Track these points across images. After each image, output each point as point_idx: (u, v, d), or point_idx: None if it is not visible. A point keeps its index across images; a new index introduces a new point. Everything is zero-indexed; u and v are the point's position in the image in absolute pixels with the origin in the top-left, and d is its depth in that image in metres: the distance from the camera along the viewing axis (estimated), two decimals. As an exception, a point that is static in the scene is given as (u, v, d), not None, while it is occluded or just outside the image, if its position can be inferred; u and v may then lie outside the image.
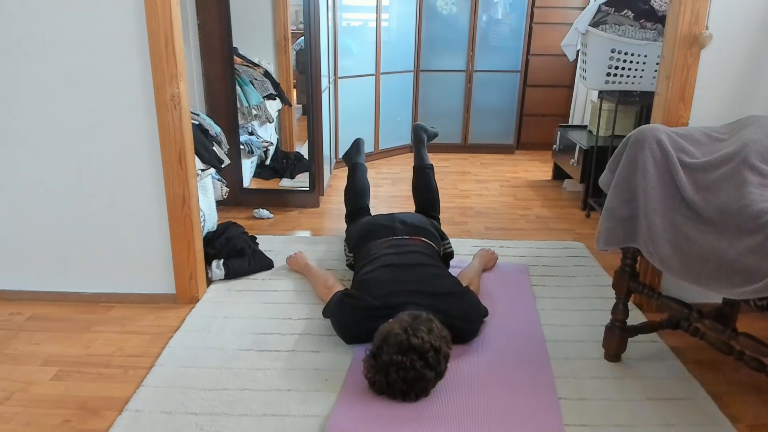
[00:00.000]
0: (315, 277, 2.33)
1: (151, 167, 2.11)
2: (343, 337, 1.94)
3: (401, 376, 1.60)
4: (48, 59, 2.00)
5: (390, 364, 1.60)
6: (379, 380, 1.64)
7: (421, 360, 1.60)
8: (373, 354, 1.66)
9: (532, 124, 4.90)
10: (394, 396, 1.65)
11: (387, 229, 2.27)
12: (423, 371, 1.61)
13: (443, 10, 4.56)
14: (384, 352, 1.62)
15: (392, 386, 1.63)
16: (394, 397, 1.65)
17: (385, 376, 1.62)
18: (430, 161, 2.84)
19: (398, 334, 1.62)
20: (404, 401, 1.65)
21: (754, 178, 1.47)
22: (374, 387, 1.67)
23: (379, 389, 1.66)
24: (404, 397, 1.64)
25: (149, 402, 1.66)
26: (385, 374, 1.62)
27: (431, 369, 1.63)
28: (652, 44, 2.91)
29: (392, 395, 1.65)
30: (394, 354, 1.60)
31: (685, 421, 1.60)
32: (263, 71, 3.71)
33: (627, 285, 1.81)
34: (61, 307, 2.22)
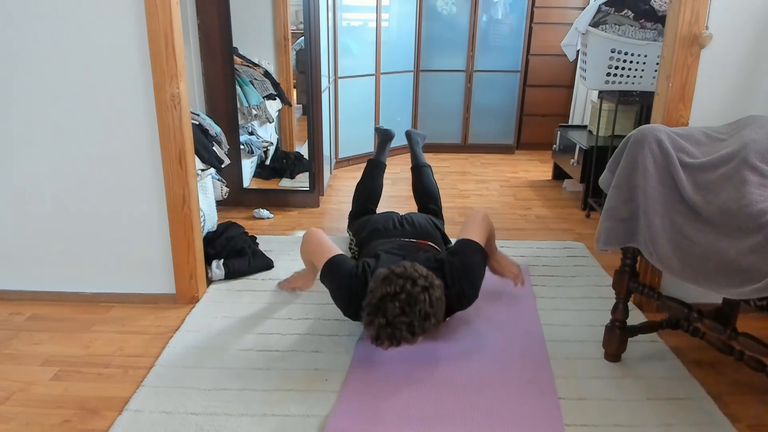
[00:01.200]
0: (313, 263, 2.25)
1: (151, 167, 2.11)
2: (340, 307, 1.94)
3: (397, 305, 1.62)
4: (48, 59, 2.00)
5: (382, 298, 1.63)
6: (380, 323, 1.64)
7: (410, 281, 1.64)
8: (367, 302, 1.68)
9: (532, 124, 4.90)
10: (400, 335, 1.64)
11: (396, 229, 2.28)
12: (415, 292, 1.64)
13: (443, 10, 4.56)
14: (373, 294, 1.67)
15: (393, 323, 1.63)
16: (402, 338, 1.64)
17: (384, 315, 1.63)
18: (426, 161, 2.86)
19: (382, 272, 1.69)
20: (414, 338, 1.66)
21: (754, 178, 1.47)
22: (379, 339, 1.66)
23: (384, 335, 1.65)
24: (411, 331, 1.64)
25: (149, 402, 1.66)
26: (382, 312, 1.63)
27: (424, 290, 1.65)
28: (652, 44, 2.91)
29: (398, 335, 1.64)
30: (383, 287, 1.65)
31: (685, 421, 1.60)
32: (263, 71, 3.71)
33: (627, 285, 1.81)
34: (61, 307, 2.22)
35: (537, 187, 3.94)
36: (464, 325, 2.08)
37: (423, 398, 1.67)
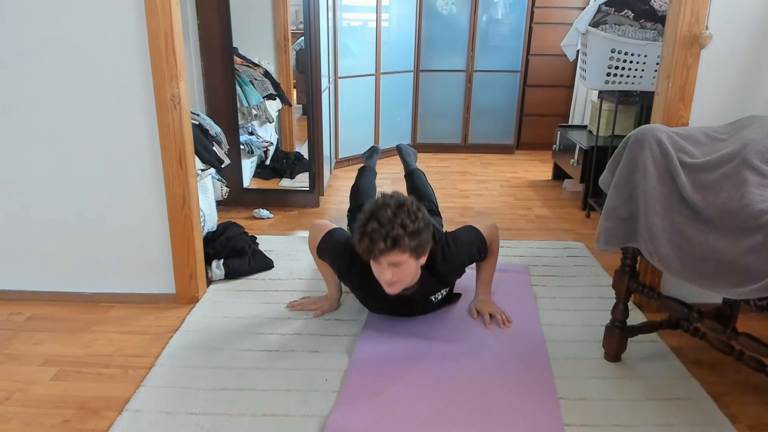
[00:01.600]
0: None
1: (151, 167, 2.11)
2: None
3: (389, 211, 1.70)
4: (48, 59, 2.00)
5: (373, 210, 1.72)
6: (372, 228, 1.67)
7: (400, 199, 1.75)
8: (359, 220, 1.74)
9: (532, 124, 4.90)
10: (395, 234, 1.66)
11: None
12: (405, 201, 1.74)
13: (443, 10, 4.56)
14: (364, 212, 1.74)
15: (386, 224, 1.67)
16: (396, 235, 1.67)
17: (376, 219, 1.69)
18: (417, 166, 2.93)
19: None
20: (407, 241, 1.68)
21: (754, 178, 1.47)
22: (373, 242, 1.67)
23: (378, 236, 1.67)
24: (404, 227, 1.68)
25: (149, 402, 1.66)
26: (375, 218, 1.69)
27: (413, 204, 1.76)
28: (652, 44, 2.91)
29: (392, 233, 1.67)
30: (373, 204, 1.74)
31: (685, 421, 1.60)
32: (263, 71, 3.71)
33: (627, 285, 1.81)
34: (61, 307, 2.22)
35: (537, 187, 3.94)
36: (464, 325, 2.08)
37: (423, 398, 1.67)
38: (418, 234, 1.72)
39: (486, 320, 2.08)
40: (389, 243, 1.68)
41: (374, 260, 1.74)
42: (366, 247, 1.70)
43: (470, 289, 2.25)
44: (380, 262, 1.73)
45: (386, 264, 1.73)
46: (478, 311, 2.14)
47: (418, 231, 1.72)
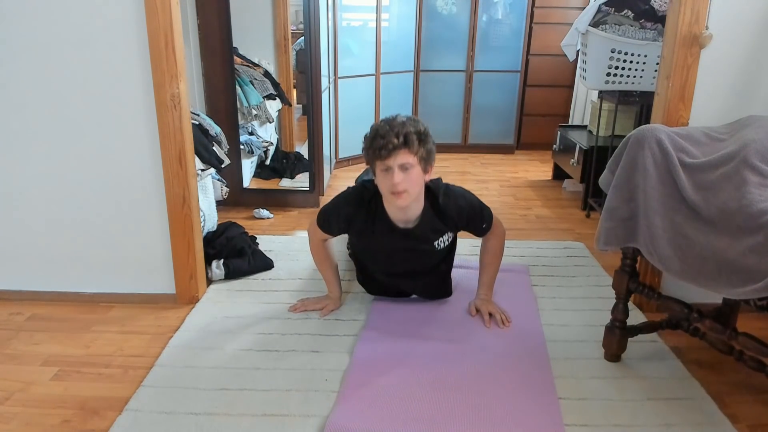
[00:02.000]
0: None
1: (151, 167, 2.11)
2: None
3: (397, 118, 1.85)
4: (48, 59, 1.99)
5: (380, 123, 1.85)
6: (383, 129, 1.81)
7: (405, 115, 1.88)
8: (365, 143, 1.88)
9: (532, 124, 4.90)
10: (405, 130, 1.79)
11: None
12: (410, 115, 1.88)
13: (443, 10, 4.56)
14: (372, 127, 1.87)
15: (396, 124, 1.81)
16: (407, 132, 1.79)
17: (386, 122, 1.84)
18: None
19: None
20: (415, 132, 1.81)
21: (754, 178, 1.47)
22: (384, 138, 1.79)
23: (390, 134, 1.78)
24: (414, 126, 1.82)
25: (149, 402, 1.66)
26: (383, 123, 1.84)
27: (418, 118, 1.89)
28: (652, 44, 2.91)
29: (403, 129, 1.79)
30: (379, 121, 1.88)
31: (685, 421, 1.60)
32: (263, 71, 3.71)
33: (627, 285, 1.81)
34: (61, 307, 2.22)
35: (537, 187, 3.94)
36: (464, 325, 2.08)
37: (423, 398, 1.67)
38: (427, 138, 1.86)
39: (485, 319, 2.08)
40: (401, 139, 1.79)
41: (384, 161, 1.81)
42: (379, 144, 1.79)
43: (471, 289, 2.25)
44: (390, 165, 1.80)
45: (396, 167, 1.80)
46: (477, 309, 2.14)
47: (426, 135, 1.85)
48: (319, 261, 2.19)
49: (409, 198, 1.86)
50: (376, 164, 1.85)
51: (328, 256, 2.19)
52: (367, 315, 2.15)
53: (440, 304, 2.23)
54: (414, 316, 2.14)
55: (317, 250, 2.17)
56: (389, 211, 1.97)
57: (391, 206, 1.95)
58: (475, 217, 2.08)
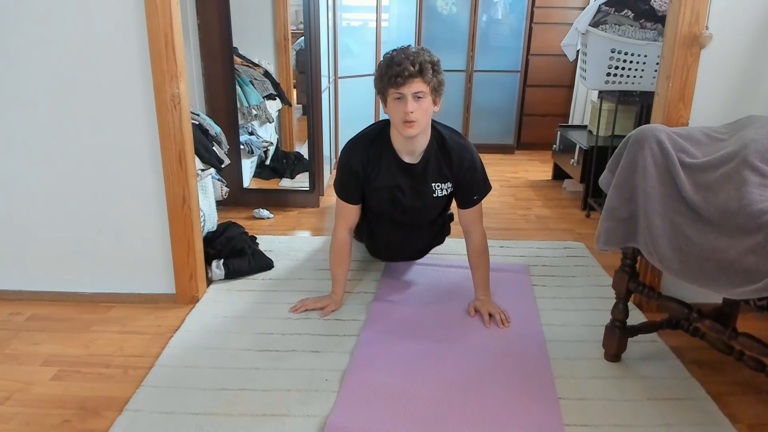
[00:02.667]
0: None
1: (151, 167, 2.11)
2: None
3: (410, 48, 1.90)
4: (48, 59, 1.99)
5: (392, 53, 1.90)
6: (398, 57, 1.86)
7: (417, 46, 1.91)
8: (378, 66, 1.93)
9: (532, 124, 4.89)
10: (420, 57, 1.85)
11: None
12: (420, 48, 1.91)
13: (443, 10, 4.56)
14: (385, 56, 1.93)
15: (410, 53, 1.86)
16: (422, 59, 1.85)
17: (399, 51, 1.89)
18: None
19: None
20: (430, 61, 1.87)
21: (754, 178, 1.47)
22: (400, 65, 1.84)
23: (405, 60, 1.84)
24: (429, 57, 1.88)
25: (149, 402, 1.66)
26: (397, 52, 1.89)
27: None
28: (652, 44, 2.91)
29: (419, 57, 1.85)
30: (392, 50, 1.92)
31: (685, 421, 1.60)
32: (263, 71, 3.71)
33: (627, 285, 1.81)
34: (61, 307, 2.22)
35: (537, 187, 3.94)
36: (464, 325, 2.09)
37: (422, 398, 1.67)
38: (439, 68, 1.91)
39: (485, 320, 2.08)
40: (417, 67, 1.83)
41: (398, 88, 1.86)
42: (394, 71, 1.84)
43: (471, 289, 2.25)
44: (404, 93, 1.86)
45: (410, 95, 1.85)
46: (476, 310, 2.14)
47: (439, 65, 1.91)
48: (335, 261, 2.19)
49: (419, 127, 1.93)
50: (389, 92, 1.90)
51: (347, 256, 2.20)
52: (367, 315, 2.15)
53: (440, 305, 2.23)
54: (414, 316, 2.15)
55: (341, 246, 2.17)
56: (395, 142, 2.04)
57: (398, 135, 2.01)
58: (473, 178, 2.12)
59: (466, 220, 2.18)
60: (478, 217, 2.18)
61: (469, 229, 2.19)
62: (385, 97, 1.94)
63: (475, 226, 2.18)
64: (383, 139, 2.08)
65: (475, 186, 2.13)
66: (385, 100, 1.96)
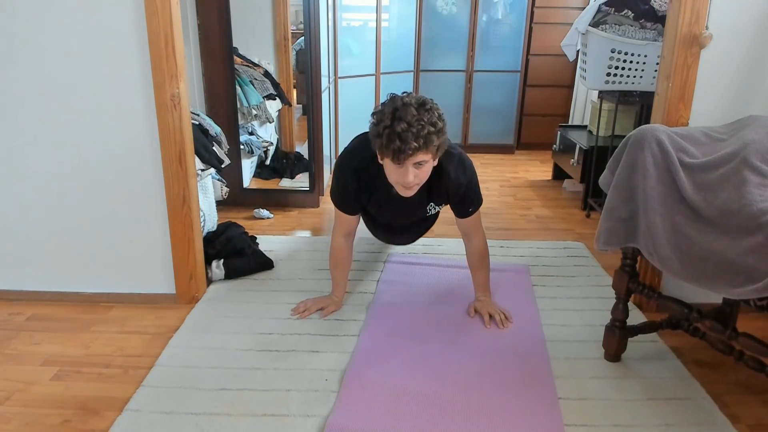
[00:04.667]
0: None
1: (151, 167, 2.11)
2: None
3: (412, 110, 1.70)
4: (48, 59, 1.99)
5: (394, 111, 1.71)
6: (401, 128, 1.67)
7: (417, 99, 1.76)
8: (380, 122, 1.73)
9: (532, 124, 4.90)
10: (426, 132, 1.68)
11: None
12: (421, 98, 1.76)
13: (443, 10, 4.56)
14: (383, 113, 1.73)
15: (414, 123, 1.67)
16: (427, 134, 1.69)
17: (402, 119, 1.68)
18: None
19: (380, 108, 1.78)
20: (436, 138, 1.72)
21: (755, 178, 1.47)
22: (405, 142, 1.67)
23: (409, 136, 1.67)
24: (432, 124, 1.70)
25: (149, 402, 1.66)
26: (400, 118, 1.69)
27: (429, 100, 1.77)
28: (652, 44, 2.91)
29: (423, 132, 1.68)
30: (389, 105, 1.75)
31: (685, 421, 1.60)
32: (263, 71, 3.71)
33: (627, 285, 1.81)
34: (61, 307, 2.22)
35: (537, 187, 3.94)
36: (464, 325, 2.09)
37: (423, 398, 1.67)
38: (443, 132, 1.77)
39: (485, 320, 2.08)
40: (421, 142, 1.68)
41: (400, 162, 1.73)
42: (397, 147, 1.68)
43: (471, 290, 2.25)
44: (405, 164, 1.74)
45: (410, 165, 1.74)
46: (476, 311, 2.14)
47: (442, 129, 1.76)
48: (335, 264, 2.18)
49: (416, 190, 1.85)
50: (387, 161, 1.79)
51: (346, 260, 2.18)
52: (367, 315, 2.15)
53: (440, 305, 2.23)
54: (414, 316, 2.15)
55: (338, 251, 2.16)
56: (396, 186, 1.93)
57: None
58: (467, 198, 2.07)
59: (465, 226, 2.14)
60: (477, 222, 2.14)
61: (469, 234, 2.16)
62: (382, 156, 1.80)
63: (475, 231, 2.15)
64: (378, 168, 1.90)
65: (469, 203, 2.08)
66: (382, 159, 1.83)
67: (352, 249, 2.21)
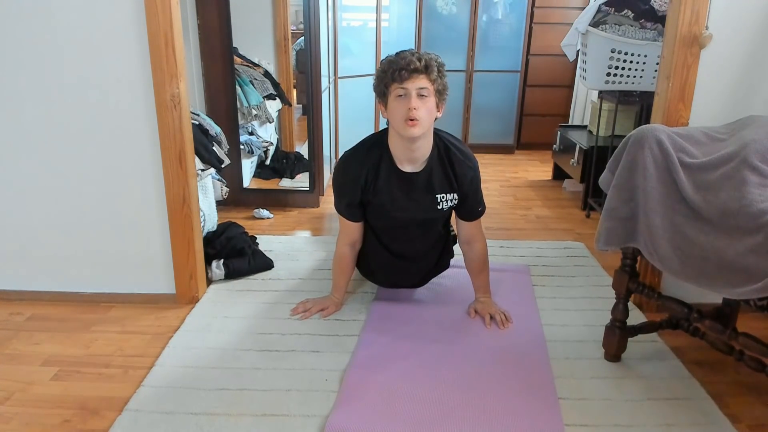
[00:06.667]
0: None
1: (151, 167, 2.11)
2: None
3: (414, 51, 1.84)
4: (48, 59, 1.99)
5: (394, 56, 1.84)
6: (401, 56, 1.81)
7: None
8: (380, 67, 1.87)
9: (532, 124, 4.90)
10: (422, 56, 1.81)
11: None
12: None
13: (443, 10, 4.56)
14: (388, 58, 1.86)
15: (411, 50, 1.83)
16: (423, 56, 1.81)
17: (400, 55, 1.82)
18: None
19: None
20: (434, 60, 1.83)
21: (754, 178, 1.47)
22: (404, 58, 1.79)
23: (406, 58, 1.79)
24: (432, 56, 1.82)
25: (149, 402, 1.66)
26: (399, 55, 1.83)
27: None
28: (652, 44, 2.91)
29: (421, 56, 1.81)
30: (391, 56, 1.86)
31: (685, 421, 1.60)
32: (263, 71, 3.71)
33: (627, 285, 1.81)
34: (61, 307, 2.22)
35: (537, 187, 3.94)
36: (464, 325, 2.09)
37: (423, 398, 1.67)
38: (444, 71, 1.86)
39: (486, 321, 2.08)
40: (422, 63, 1.79)
41: (402, 84, 1.80)
42: (399, 65, 1.79)
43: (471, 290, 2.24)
44: (408, 88, 1.80)
45: (414, 91, 1.80)
46: (476, 311, 2.14)
47: (443, 68, 1.86)
48: (337, 271, 2.18)
49: (422, 127, 1.84)
50: (392, 88, 1.82)
51: (349, 268, 2.18)
52: (367, 315, 2.15)
53: (440, 305, 2.23)
54: (414, 316, 2.14)
55: (342, 259, 2.15)
56: (394, 149, 1.95)
57: (398, 142, 1.93)
58: (477, 191, 2.07)
59: (470, 231, 2.13)
60: (480, 228, 2.15)
61: (472, 241, 2.14)
62: (387, 96, 1.84)
63: (478, 236, 2.14)
64: (381, 146, 1.98)
65: (478, 199, 2.08)
66: (385, 102, 1.87)
67: (356, 258, 2.19)
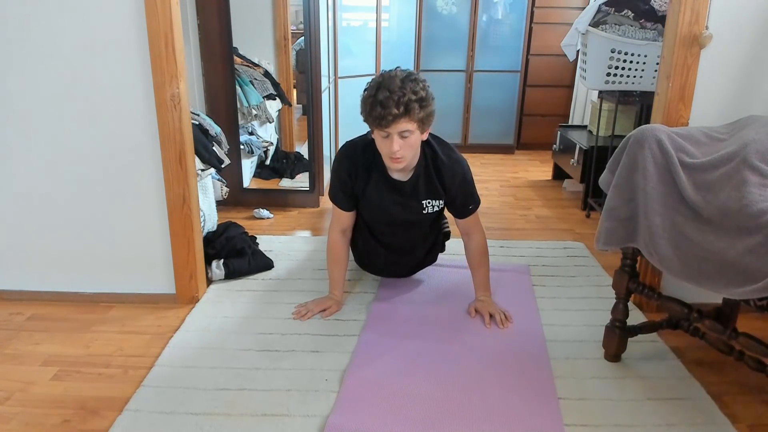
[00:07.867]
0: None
1: (151, 167, 2.11)
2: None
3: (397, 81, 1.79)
4: (47, 59, 1.99)
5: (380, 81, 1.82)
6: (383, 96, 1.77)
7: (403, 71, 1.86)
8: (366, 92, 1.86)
9: (532, 124, 4.90)
10: (407, 99, 1.77)
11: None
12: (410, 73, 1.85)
13: (443, 10, 4.56)
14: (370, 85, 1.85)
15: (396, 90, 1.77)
16: (407, 101, 1.77)
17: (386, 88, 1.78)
18: None
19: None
20: (418, 106, 1.80)
21: (755, 178, 1.47)
22: (386, 107, 1.76)
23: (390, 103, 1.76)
24: (414, 92, 1.78)
25: (149, 402, 1.66)
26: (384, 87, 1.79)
27: (416, 72, 1.88)
28: (652, 44, 2.91)
29: (404, 99, 1.77)
30: (378, 77, 1.85)
31: (685, 421, 1.60)
32: (263, 71, 3.71)
33: (627, 285, 1.81)
34: (61, 307, 2.22)
35: (537, 187, 3.94)
36: (464, 325, 2.09)
37: (423, 398, 1.67)
38: (427, 103, 1.85)
39: (485, 320, 2.08)
40: (402, 109, 1.77)
41: (383, 129, 1.82)
42: (378, 113, 1.78)
43: (471, 290, 2.25)
44: (390, 132, 1.82)
45: (396, 134, 1.82)
46: (476, 311, 2.14)
47: (426, 99, 1.84)
48: (332, 260, 2.19)
49: (405, 162, 1.92)
50: (374, 131, 1.88)
51: (342, 257, 2.20)
52: (367, 315, 2.15)
53: (440, 305, 2.23)
54: (414, 316, 2.15)
55: (334, 247, 2.19)
56: (384, 161, 2.01)
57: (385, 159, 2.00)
58: (466, 192, 2.11)
59: (466, 225, 2.19)
60: (477, 220, 2.19)
61: (469, 233, 2.19)
62: (372, 130, 1.92)
63: (475, 228, 2.18)
64: (374, 152, 2.01)
65: (469, 198, 2.13)
66: (372, 131, 1.94)
67: (349, 247, 2.24)
